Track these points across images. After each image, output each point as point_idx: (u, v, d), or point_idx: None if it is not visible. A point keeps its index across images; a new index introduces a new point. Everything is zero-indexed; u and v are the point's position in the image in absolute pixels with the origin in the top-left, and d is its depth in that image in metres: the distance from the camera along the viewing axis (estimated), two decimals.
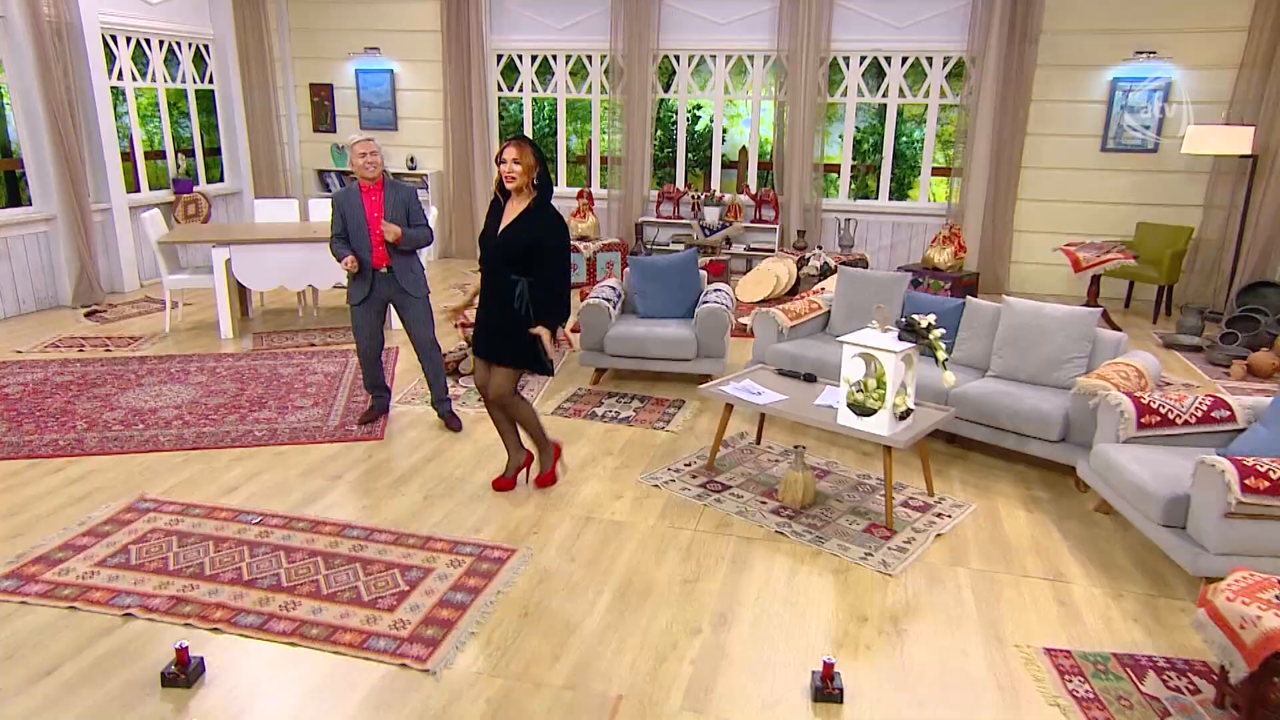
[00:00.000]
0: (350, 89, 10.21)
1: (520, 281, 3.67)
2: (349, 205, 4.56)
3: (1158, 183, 8.35)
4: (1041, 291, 8.85)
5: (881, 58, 8.83)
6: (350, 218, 4.56)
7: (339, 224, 4.60)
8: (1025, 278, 8.93)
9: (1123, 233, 8.45)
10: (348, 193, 4.58)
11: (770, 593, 3.24)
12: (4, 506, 3.81)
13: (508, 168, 3.58)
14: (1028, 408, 4.23)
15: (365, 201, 4.55)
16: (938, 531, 3.73)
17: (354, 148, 4.48)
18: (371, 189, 4.57)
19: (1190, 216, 8.25)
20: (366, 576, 3.29)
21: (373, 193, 4.57)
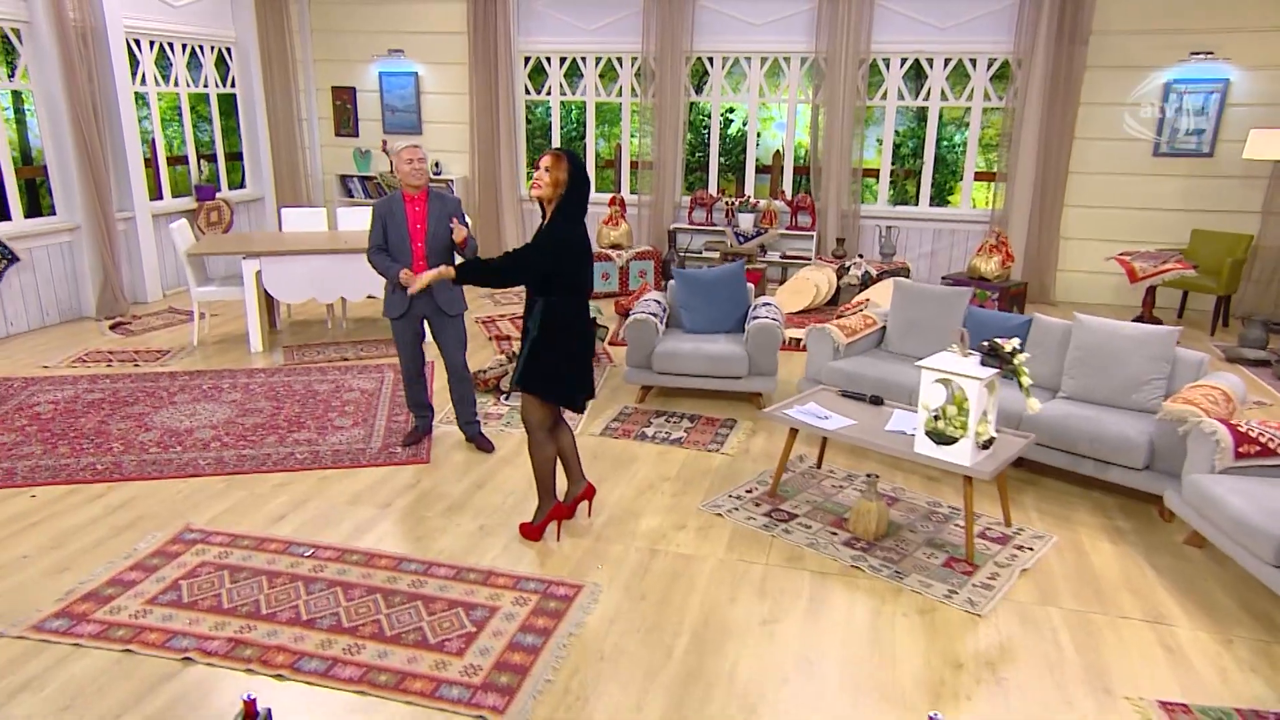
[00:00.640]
0: (373, 92, 10.15)
1: (538, 301, 3.52)
2: (391, 215, 4.46)
3: (1213, 188, 8.19)
4: (1090, 301, 8.71)
5: (923, 59, 8.71)
6: (392, 229, 4.47)
7: (379, 234, 4.50)
8: (1072, 287, 8.79)
9: (1175, 240, 8.30)
10: (389, 202, 4.49)
11: (855, 636, 3.13)
12: (47, 537, 3.73)
13: (539, 174, 3.43)
14: (1110, 433, 4.10)
15: (409, 212, 4.46)
16: (1022, 566, 3.61)
17: (400, 154, 4.39)
18: (416, 199, 4.47)
19: (1247, 223, 8.09)
20: (430, 616, 3.19)
21: (417, 203, 4.48)
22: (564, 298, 3.50)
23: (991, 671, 2.93)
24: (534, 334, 3.51)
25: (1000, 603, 3.35)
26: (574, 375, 3.59)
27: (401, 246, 4.45)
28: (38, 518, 3.91)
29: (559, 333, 3.51)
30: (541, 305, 3.49)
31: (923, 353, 5.25)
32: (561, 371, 3.55)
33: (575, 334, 3.55)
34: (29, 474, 4.36)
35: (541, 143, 11.61)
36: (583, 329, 3.58)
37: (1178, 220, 8.32)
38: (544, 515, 3.79)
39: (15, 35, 6.95)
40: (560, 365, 3.54)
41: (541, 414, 3.65)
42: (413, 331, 4.62)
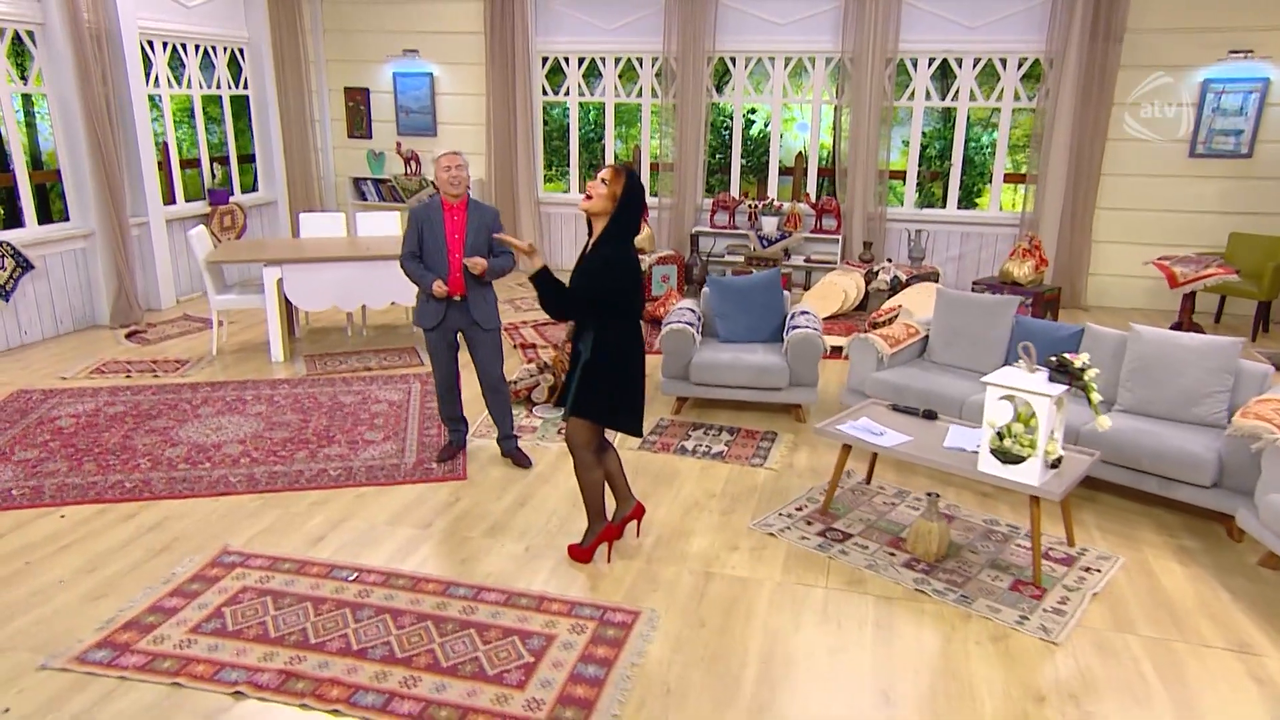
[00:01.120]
0: (387, 93, 10.08)
1: (591, 326, 3.41)
2: (428, 223, 4.39)
3: (1251, 190, 8.11)
4: (1122, 306, 8.62)
5: (952, 59, 8.63)
6: (428, 237, 4.38)
7: (414, 241, 4.42)
8: (1104, 291, 8.70)
9: (1212, 243, 8.21)
10: (428, 209, 4.41)
11: (929, 665, 3.05)
12: (81, 560, 3.66)
13: (594, 185, 3.30)
14: (1173, 449, 4.02)
15: (446, 221, 4.38)
16: (1092, 590, 3.53)
17: (439, 160, 4.31)
18: (455, 208, 4.39)
19: None
20: (485, 645, 3.11)
21: (455, 212, 4.40)
22: (618, 321, 3.41)
23: (1076, 705, 2.85)
24: (586, 358, 3.42)
25: (1074, 629, 3.26)
26: (629, 401, 3.50)
27: (438, 256, 4.37)
28: (69, 539, 3.83)
29: (613, 358, 3.42)
30: (594, 330, 3.40)
31: (967, 363, 5.18)
32: (616, 397, 3.47)
33: (630, 359, 3.46)
34: (56, 492, 4.28)
35: (559, 144, 11.54)
36: (638, 354, 3.48)
37: (1215, 223, 8.24)
38: (594, 537, 3.71)
39: (30, 38, 6.88)
40: (615, 391, 3.45)
41: (589, 436, 3.57)
42: (446, 343, 4.54)
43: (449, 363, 4.59)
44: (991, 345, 5.14)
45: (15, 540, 3.82)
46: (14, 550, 3.73)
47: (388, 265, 6.40)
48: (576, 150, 9.85)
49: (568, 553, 3.76)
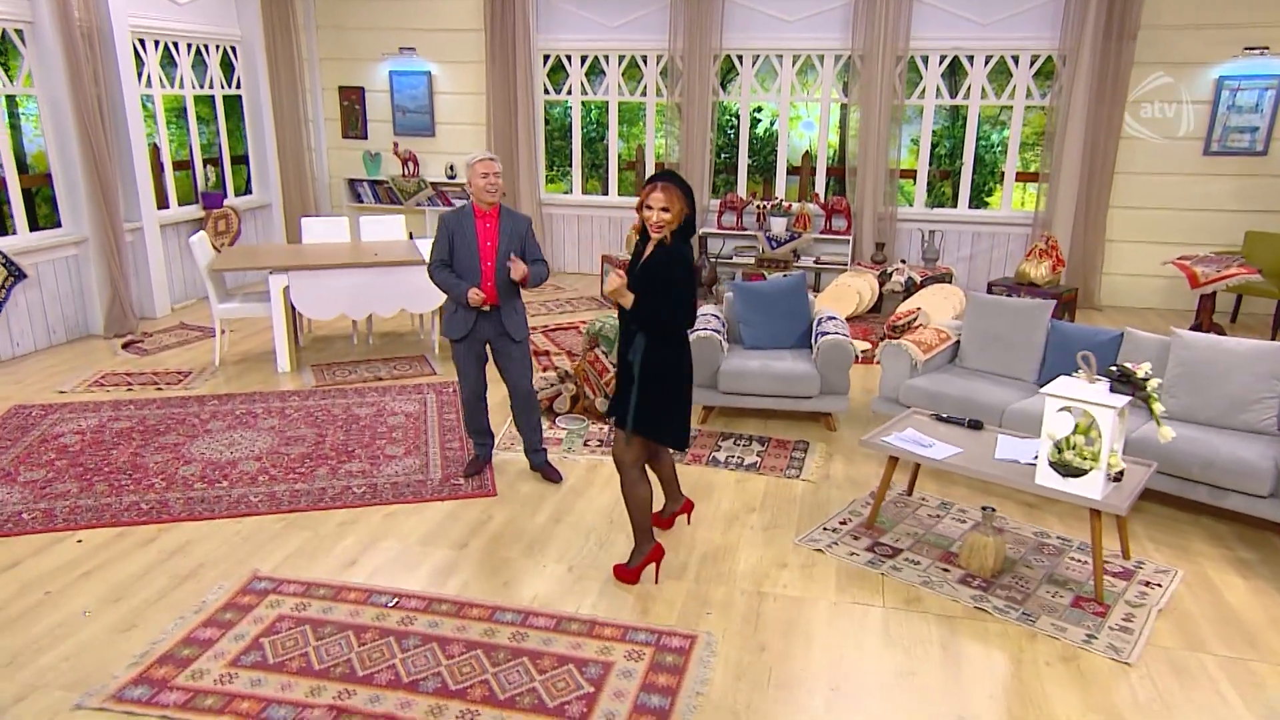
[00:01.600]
0: (383, 92, 9.94)
1: (642, 337, 3.36)
2: (460, 230, 4.28)
3: (1266, 188, 8.14)
4: (1136, 306, 8.64)
5: (963, 56, 8.60)
6: (460, 245, 4.28)
7: (444, 249, 4.32)
8: (1117, 290, 8.72)
9: (1227, 241, 8.23)
10: (459, 215, 4.31)
11: (1002, 688, 2.99)
12: (104, 589, 3.53)
13: (655, 217, 3.25)
14: (1225, 457, 3.99)
15: (479, 228, 4.28)
16: (1156, 606, 3.48)
17: (474, 167, 4.20)
18: (487, 215, 4.29)
19: None
20: (541, 675, 3.02)
21: (488, 219, 4.30)
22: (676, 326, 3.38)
23: None
24: (640, 372, 3.35)
25: (1144, 648, 3.21)
26: (683, 414, 3.45)
27: (469, 264, 4.27)
28: (89, 566, 3.71)
29: (669, 370, 3.37)
30: (645, 341, 3.33)
31: (1002, 369, 5.14)
32: (673, 411, 3.41)
33: (683, 370, 3.41)
34: (69, 515, 4.15)
35: (561, 144, 11.42)
36: (689, 364, 3.43)
37: (1230, 221, 8.26)
38: (642, 557, 3.63)
39: (19, 36, 6.70)
40: (671, 404, 3.40)
41: (638, 452, 3.51)
42: (475, 354, 4.44)
43: (478, 374, 4.49)
44: (1027, 351, 5.10)
45: (32, 568, 3.69)
46: (33, 579, 3.60)
47: (397, 272, 6.29)
48: (579, 150, 9.75)
49: (614, 573, 3.67)
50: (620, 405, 3.47)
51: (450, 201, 9.85)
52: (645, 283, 3.30)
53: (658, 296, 3.27)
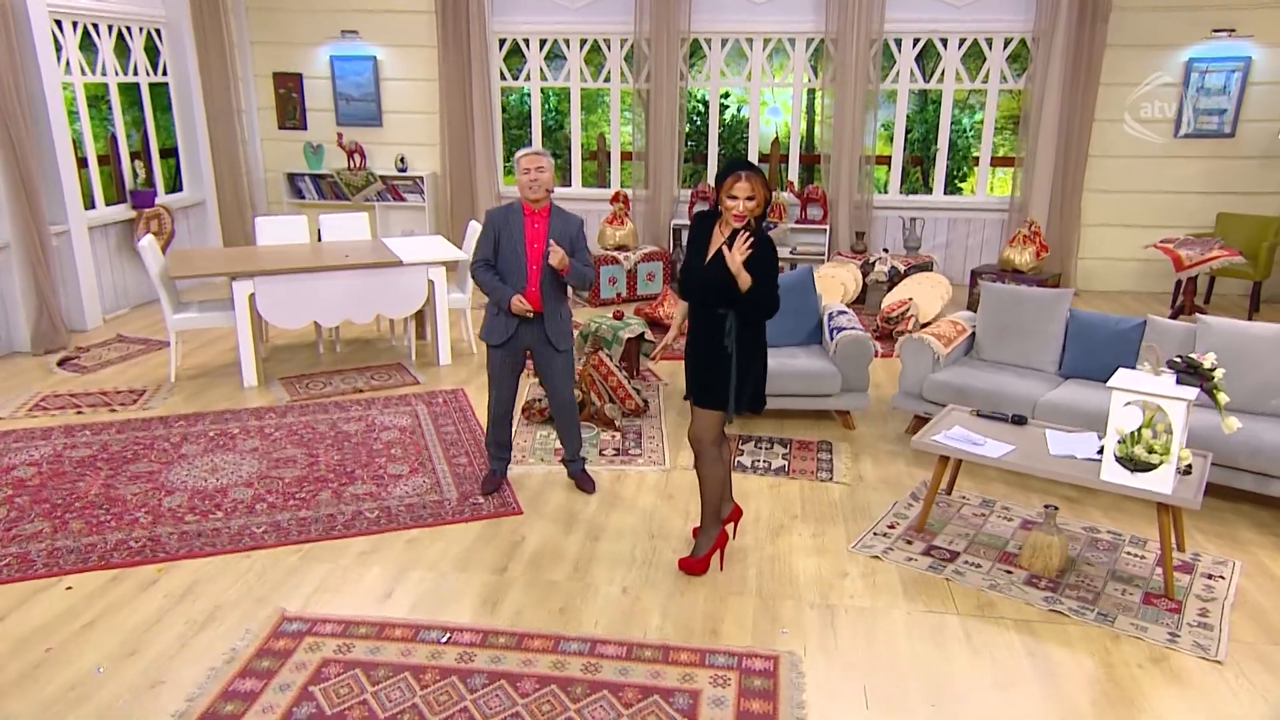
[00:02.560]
0: (323, 79, 9.57)
1: (729, 316, 3.50)
2: (506, 230, 4.13)
3: (1236, 170, 8.51)
4: (1111, 290, 8.95)
5: (937, 39, 8.74)
6: (505, 245, 4.13)
7: (489, 248, 4.17)
8: (1092, 274, 9.01)
9: (1199, 224, 8.59)
10: (507, 213, 4.15)
11: (1103, 695, 3.03)
12: (114, 641, 3.28)
13: (742, 207, 3.32)
14: (1272, 444, 4.13)
15: (527, 228, 4.13)
16: (1227, 599, 3.59)
17: (519, 161, 4.05)
18: (536, 214, 4.15)
19: (1269, 205, 8.44)
20: (627, 709, 2.93)
21: (537, 219, 4.15)
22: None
23: None
24: (734, 351, 3.48)
25: (1229, 645, 3.30)
26: (763, 382, 3.69)
27: (515, 265, 4.12)
28: (88, 615, 3.45)
29: (759, 347, 3.61)
30: (732, 320, 3.47)
31: (1021, 360, 5.25)
32: (761, 382, 3.66)
33: (763, 342, 3.65)
34: (49, 559, 3.86)
35: (519, 134, 11.21)
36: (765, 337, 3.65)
37: (1202, 203, 8.62)
38: (710, 544, 3.73)
39: None
40: (761, 378, 3.65)
41: (718, 431, 3.66)
42: (514, 362, 4.31)
43: (512, 384, 4.35)
44: (1046, 341, 5.21)
45: (22, 622, 3.41)
46: (26, 635, 3.33)
47: (372, 274, 6.08)
48: (539, 140, 9.58)
49: (679, 566, 3.76)
50: (710, 389, 3.56)
51: (401, 196, 9.58)
52: (753, 267, 3.36)
53: (766, 280, 3.40)
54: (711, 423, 3.64)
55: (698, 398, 3.66)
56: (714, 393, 3.57)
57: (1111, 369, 4.93)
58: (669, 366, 6.51)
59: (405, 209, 9.56)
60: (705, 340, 3.56)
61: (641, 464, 4.85)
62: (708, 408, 3.62)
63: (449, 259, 6.38)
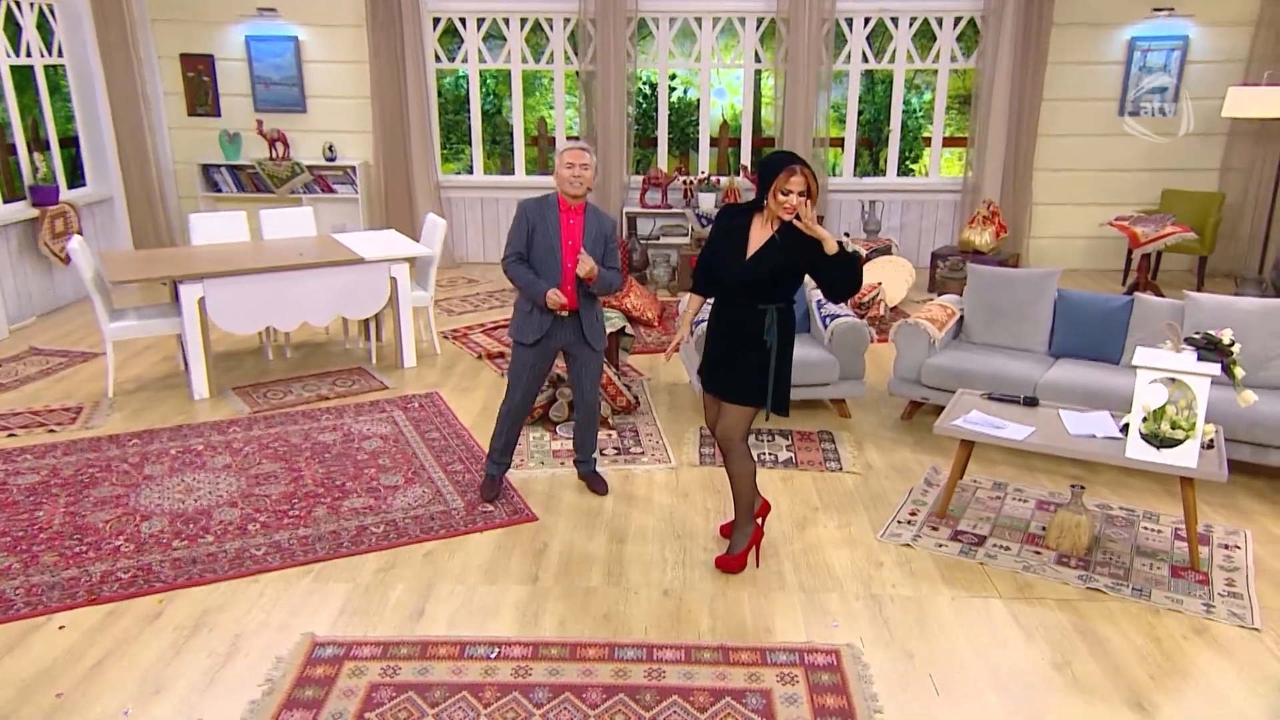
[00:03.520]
0: (238, 60, 9.26)
1: (769, 310, 3.62)
2: (541, 224, 4.11)
3: (1177, 147, 9.07)
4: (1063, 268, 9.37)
5: (888, 19, 9.02)
6: (541, 240, 4.12)
7: (522, 242, 4.15)
8: (1043, 253, 9.47)
9: (1145, 200, 9.13)
10: (543, 206, 4.13)
11: (1157, 668, 3.26)
12: (134, 681, 3.17)
13: (794, 200, 3.42)
14: (1270, 415, 4.47)
15: (562, 224, 4.13)
16: (1248, 568, 3.88)
17: (561, 155, 4.04)
18: (573, 210, 4.14)
19: (1208, 181, 9.04)
20: (702, 713, 3.01)
21: (573, 215, 4.15)
22: (790, 302, 3.66)
23: None
24: (773, 346, 3.59)
25: (1263, 612, 3.58)
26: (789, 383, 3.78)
27: (549, 261, 4.11)
28: (94, 655, 3.32)
29: (790, 343, 3.72)
30: (776, 314, 3.59)
31: (1012, 342, 5.52)
32: (789, 382, 3.76)
33: (792, 339, 3.75)
34: (30, 597, 3.69)
35: (456, 119, 11.05)
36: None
37: (1147, 180, 9.16)
38: (747, 540, 3.86)
39: None
40: (789, 374, 3.74)
41: (747, 427, 3.76)
42: (542, 364, 4.31)
43: (534, 385, 4.35)
44: (1035, 322, 5.49)
45: (20, 666, 3.26)
46: (29, 680, 3.18)
47: (331, 273, 5.96)
48: (479, 125, 9.49)
49: (717, 565, 3.87)
50: (743, 386, 3.66)
51: (331, 187, 9.36)
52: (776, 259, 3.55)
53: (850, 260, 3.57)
54: (742, 419, 3.74)
55: (728, 394, 3.74)
56: (747, 389, 3.67)
57: (1101, 348, 5.29)
58: (646, 360, 6.59)
59: (336, 201, 9.35)
60: (739, 336, 3.65)
61: (646, 462, 4.91)
62: (739, 404, 3.71)
63: (412, 255, 6.29)
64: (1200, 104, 8.93)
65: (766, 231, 3.56)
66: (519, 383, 4.30)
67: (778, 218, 3.50)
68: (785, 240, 3.52)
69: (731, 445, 3.77)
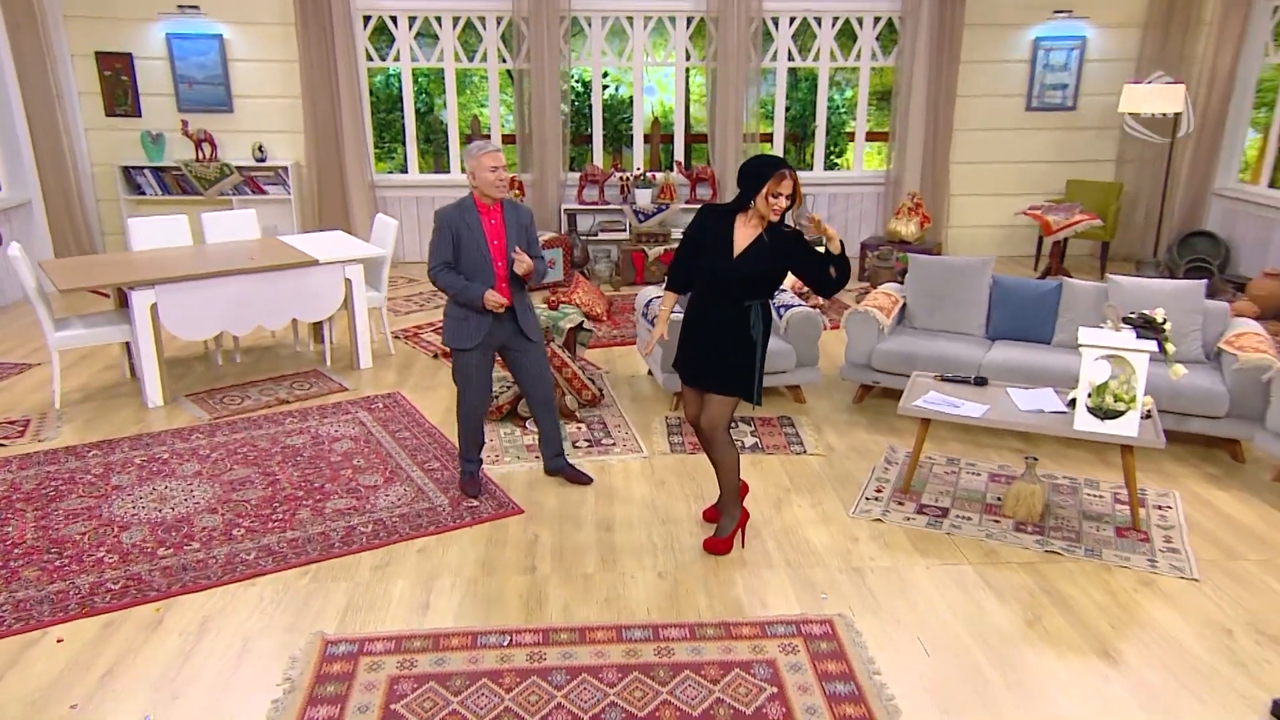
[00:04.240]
0: (159, 59, 8.99)
1: (754, 306, 3.77)
2: (466, 229, 4.17)
3: (1078, 140, 9.64)
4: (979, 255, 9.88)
5: (812, 18, 9.32)
6: (466, 245, 4.17)
7: (448, 250, 4.20)
8: (959, 242, 9.93)
9: (1051, 190, 9.67)
10: (462, 211, 4.19)
11: (1118, 619, 3.56)
12: (149, 687, 3.15)
13: (784, 202, 3.62)
14: (1190, 386, 4.86)
15: (485, 225, 4.20)
16: (1182, 527, 4.24)
17: (481, 159, 4.09)
18: (491, 210, 4.22)
19: (1106, 172, 9.64)
20: (716, 685, 3.17)
21: (492, 214, 4.22)
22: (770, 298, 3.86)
23: (1258, 631, 3.48)
24: (759, 339, 3.77)
25: (1198, 565, 3.93)
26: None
27: (480, 265, 4.18)
28: (102, 665, 3.28)
29: (767, 333, 3.88)
30: (760, 308, 3.76)
31: (952, 326, 5.84)
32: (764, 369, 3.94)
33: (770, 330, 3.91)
34: (19, 612, 3.60)
35: (390, 118, 10.90)
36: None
37: (1051, 171, 9.71)
38: (733, 523, 4.03)
39: None
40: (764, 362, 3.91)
41: (730, 415, 3.93)
42: (487, 362, 4.38)
43: (487, 386, 4.42)
44: (973, 306, 5.81)
45: (25, 680, 3.20)
46: (37, 694, 3.13)
47: (284, 276, 5.91)
48: (412, 124, 9.43)
49: (705, 547, 4.02)
50: (728, 377, 3.81)
51: (262, 189, 9.17)
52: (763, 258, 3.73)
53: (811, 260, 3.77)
54: (726, 409, 3.90)
55: (712, 386, 3.88)
56: (733, 381, 3.83)
57: (1033, 330, 5.64)
58: (602, 354, 6.71)
59: (268, 203, 9.16)
60: (724, 330, 3.79)
61: (619, 453, 5.04)
62: (723, 394, 3.86)
63: (367, 256, 6.27)
64: (1098, 99, 9.49)
65: (752, 231, 3.71)
66: (470, 385, 4.35)
67: (763, 219, 3.66)
68: (774, 241, 3.68)
69: (716, 435, 3.92)
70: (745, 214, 3.73)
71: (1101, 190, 9.28)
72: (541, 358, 4.47)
